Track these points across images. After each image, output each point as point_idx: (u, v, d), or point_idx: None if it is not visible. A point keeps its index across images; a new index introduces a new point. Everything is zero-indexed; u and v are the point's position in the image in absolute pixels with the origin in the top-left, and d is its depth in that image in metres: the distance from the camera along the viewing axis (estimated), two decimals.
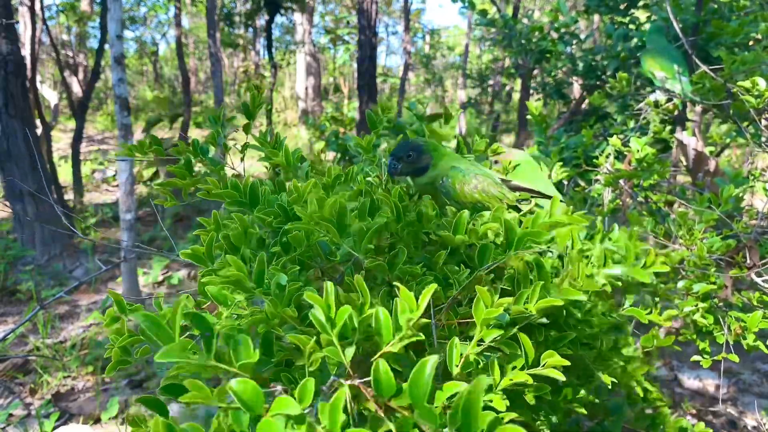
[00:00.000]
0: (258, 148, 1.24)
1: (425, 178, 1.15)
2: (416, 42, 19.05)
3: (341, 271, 0.93)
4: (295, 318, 0.74)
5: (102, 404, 3.08)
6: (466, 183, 1.10)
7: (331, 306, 0.62)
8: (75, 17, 11.60)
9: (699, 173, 2.11)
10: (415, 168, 1.13)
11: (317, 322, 0.61)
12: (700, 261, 1.20)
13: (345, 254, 0.87)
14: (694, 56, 2.11)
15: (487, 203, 1.09)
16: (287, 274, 0.80)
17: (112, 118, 12.44)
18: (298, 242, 0.88)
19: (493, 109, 10.10)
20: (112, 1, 3.86)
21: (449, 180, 1.11)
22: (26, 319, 2.79)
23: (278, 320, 0.74)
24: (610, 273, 0.76)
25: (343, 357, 0.60)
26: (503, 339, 0.71)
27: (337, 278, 0.94)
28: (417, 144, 1.13)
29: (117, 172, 5.14)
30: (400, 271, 0.81)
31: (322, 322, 0.61)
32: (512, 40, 3.41)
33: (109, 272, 5.08)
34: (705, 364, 1.28)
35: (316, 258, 0.91)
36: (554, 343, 0.83)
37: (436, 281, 0.82)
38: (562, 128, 3.16)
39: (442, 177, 1.12)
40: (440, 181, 1.12)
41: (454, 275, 0.82)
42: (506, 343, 0.72)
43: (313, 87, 14.09)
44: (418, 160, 1.13)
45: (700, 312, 1.25)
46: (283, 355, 0.75)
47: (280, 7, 7.47)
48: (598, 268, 0.77)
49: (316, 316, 0.62)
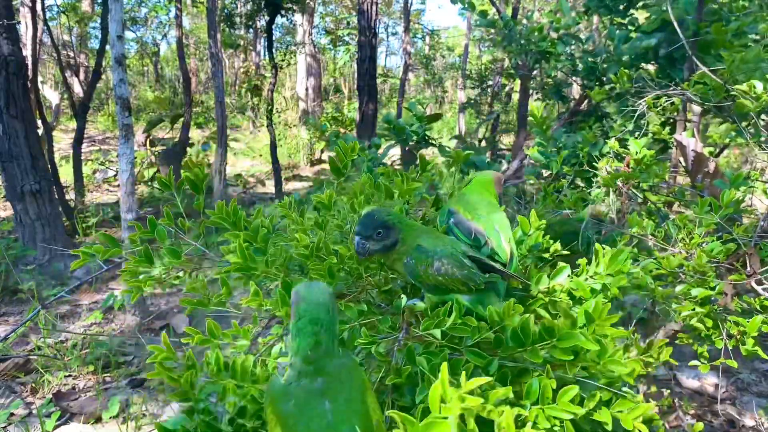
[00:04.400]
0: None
1: (394, 255, 1.13)
2: (416, 43, 19.06)
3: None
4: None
5: (103, 403, 3.08)
6: (429, 265, 1.07)
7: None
8: (76, 18, 11.61)
9: (698, 174, 2.11)
10: (383, 246, 1.11)
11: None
12: (699, 267, 1.21)
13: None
14: (693, 57, 2.12)
15: (451, 285, 1.07)
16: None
17: (113, 118, 12.44)
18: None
19: (493, 109, 10.08)
20: (113, 1, 3.87)
21: (412, 261, 1.09)
22: (28, 319, 2.78)
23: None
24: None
25: None
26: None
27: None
28: (384, 221, 1.10)
29: (118, 172, 5.15)
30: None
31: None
32: (512, 41, 3.42)
33: (110, 272, 5.09)
34: (703, 369, 1.28)
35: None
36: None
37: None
38: (562, 129, 3.16)
39: (406, 255, 1.11)
40: (405, 260, 1.11)
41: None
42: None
43: (313, 87, 14.10)
44: (386, 238, 1.11)
45: (698, 316, 1.25)
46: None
47: (281, 8, 7.47)
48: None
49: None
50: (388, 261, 1.16)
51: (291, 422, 0.81)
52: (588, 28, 10.25)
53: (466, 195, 1.37)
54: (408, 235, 1.12)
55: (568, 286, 1.07)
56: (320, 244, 1.23)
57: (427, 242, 1.11)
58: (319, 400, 0.82)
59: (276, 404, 0.84)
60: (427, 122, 3.43)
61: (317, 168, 10.60)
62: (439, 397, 0.70)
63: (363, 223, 1.11)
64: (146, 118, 11.82)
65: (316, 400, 0.82)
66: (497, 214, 1.29)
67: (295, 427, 0.80)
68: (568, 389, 0.84)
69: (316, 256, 1.21)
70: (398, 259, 1.13)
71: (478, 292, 1.09)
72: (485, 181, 1.41)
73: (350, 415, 0.80)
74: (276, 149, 7.79)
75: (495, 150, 8.39)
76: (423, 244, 1.10)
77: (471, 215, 1.26)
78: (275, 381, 0.87)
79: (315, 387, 0.83)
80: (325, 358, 0.85)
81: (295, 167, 10.42)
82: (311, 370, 0.84)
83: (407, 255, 1.11)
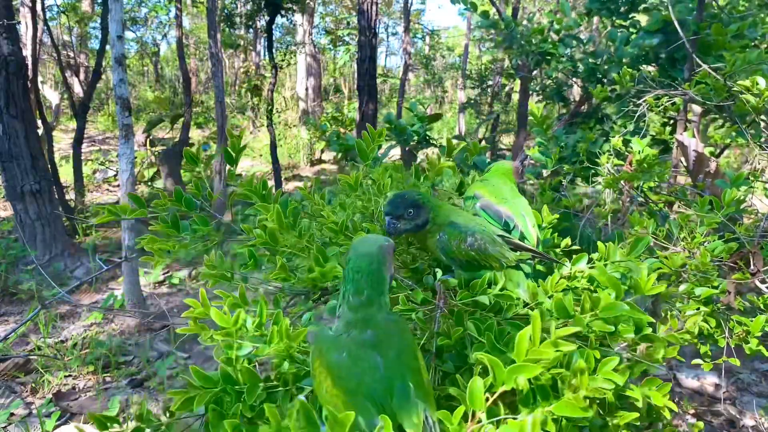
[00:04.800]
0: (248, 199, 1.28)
1: (424, 234, 1.13)
2: (416, 43, 19.06)
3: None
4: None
5: (103, 403, 3.08)
6: (462, 240, 1.08)
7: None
8: (76, 18, 11.60)
9: (699, 174, 2.11)
10: (415, 225, 1.11)
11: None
12: (703, 266, 1.21)
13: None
14: (694, 56, 2.12)
15: (483, 261, 1.08)
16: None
17: (113, 118, 12.44)
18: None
19: (493, 109, 10.09)
20: (113, 1, 3.87)
21: (445, 236, 1.10)
22: (28, 319, 2.78)
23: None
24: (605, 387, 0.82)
25: None
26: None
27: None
28: (415, 200, 1.11)
29: (118, 172, 5.14)
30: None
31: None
32: (513, 42, 3.42)
33: (110, 272, 5.08)
34: (706, 367, 1.28)
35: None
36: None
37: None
38: (562, 129, 3.16)
39: (438, 233, 1.11)
40: (437, 237, 1.11)
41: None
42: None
43: (313, 87, 14.10)
44: (417, 217, 1.11)
45: (701, 316, 1.25)
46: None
47: (281, 8, 7.47)
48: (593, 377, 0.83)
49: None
50: (418, 240, 1.16)
51: (344, 373, 0.79)
52: (588, 29, 10.25)
53: (488, 180, 1.37)
54: (438, 214, 1.12)
55: (589, 273, 1.06)
56: (347, 221, 1.22)
57: (459, 219, 1.12)
58: (370, 352, 0.80)
59: (326, 355, 0.82)
60: (428, 122, 3.44)
61: (317, 168, 10.60)
62: (526, 342, 0.71)
63: (393, 203, 1.11)
64: (146, 118, 11.82)
65: (367, 352, 0.80)
66: (521, 199, 1.30)
67: (348, 378, 0.78)
68: (610, 359, 0.83)
69: (344, 233, 1.21)
70: (429, 238, 1.13)
71: (508, 271, 1.10)
72: (505, 170, 1.41)
73: (402, 370, 0.78)
74: (276, 149, 7.79)
75: (495, 150, 8.39)
76: (455, 221, 1.11)
77: (498, 199, 1.26)
78: (323, 332, 0.86)
79: (365, 338, 0.81)
80: (371, 309, 0.84)
81: (295, 167, 10.42)
82: (360, 321, 0.83)
83: (440, 231, 1.11)
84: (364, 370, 0.78)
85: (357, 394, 0.77)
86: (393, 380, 0.77)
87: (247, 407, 0.90)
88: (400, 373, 0.78)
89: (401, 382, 0.77)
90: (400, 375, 0.78)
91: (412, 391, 0.76)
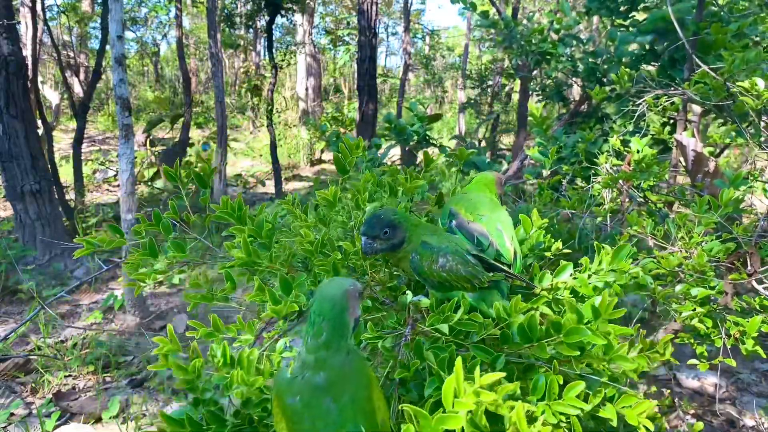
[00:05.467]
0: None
1: (400, 253, 1.13)
2: (416, 43, 19.06)
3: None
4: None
5: (103, 403, 3.08)
6: (434, 261, 1.08)
7: None
8: (76, 18, 11.61)
9: (698, 174, 2.12)
10: (391, 245, 1.12)
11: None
12: (699, 267, 1.21)
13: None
14: (694, 55, 2.12)
15: (455, 282, 1.07)
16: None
17: (113, 118, 12.44)
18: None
19: (493, 109, 10.09)
20: (113, 1, 3.87)
21: (417, 257, 1.10)
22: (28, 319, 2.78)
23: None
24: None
25: None
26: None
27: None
28: (390, 220, 1.11)
29: (118, 172, 5.14)
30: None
31: None
32: (513, 42, 3.42)
33: (110, 272, 5.09)
34: (703, 367, 1.28)
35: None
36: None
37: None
38: (562, 129, 3.17)
39: (412, 252, 1.11)
40: (410, 257, 1.11)
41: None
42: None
43: (313, 87, 14.10)
44: (393, 237, 1.11)
45: (698, 317, 1.25)
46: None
47: (281, 8, 7.47)
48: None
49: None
50: (394, 259, 1.16)
51: (296, 418, 0.81)
52: (588, 29, 10.25)
53: (467, 194, 1.37)
54: (414, 233, 1.13)
55: (571, 284, 1.07)
56: (325, 240, 1.23)
57: (432, 239, 1.11)
58: (323, 396, 0.81)
59: (282, 398, 0.83)
60: (428, 122, 3.44)
61: (317, 168, 10.60)
62: (452, 391, 0.71)
63: (369, 223, 1.11)
64: (146, 118, 11.82)
65: (319, 397, 0.81)
66: (499, 213, 1.29)
67: (300, 423, 0.80)
68: (575, 385, 0.84)
69: (320, 251, 1.22)
70: (404, 258, 1.13)
71: (482, 290, 1.09)
72: (486, 181, 1.41)
73: (355, 414, 0.80)
74: (276, 149, 7.79)
75: (495, 150, 8.39)
76: (428, 241, 1.11)
77: (473, 216, 1.26)
78: (282, 374, 0.87)
79: (317, 382, 0.82)
80: (327, 352, 0.85)
81: (295, 167, 10.42)
82: (314, 363, 0.84)
83: (413, 252, 1.11)
84: (317, 415, 0.80)
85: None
86: (345, 425, 0.79)
87: None
88: (353, 417, 0.79)
89: (354, 427, 0.78)
90: (353, 419, 0.79)
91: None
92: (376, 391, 0.85)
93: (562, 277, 1.09)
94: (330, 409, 0.80)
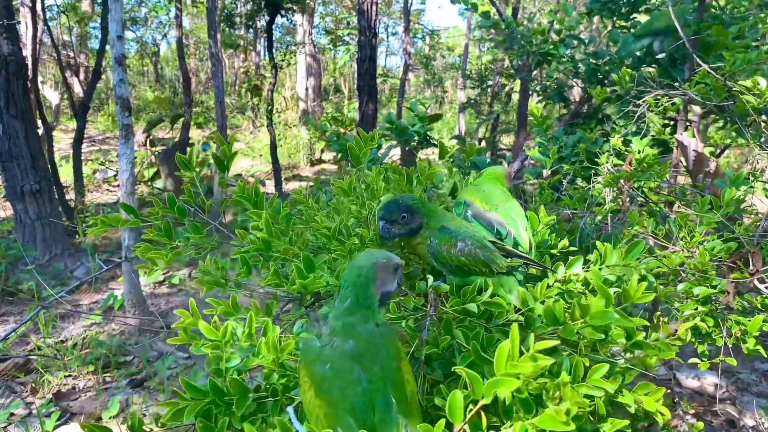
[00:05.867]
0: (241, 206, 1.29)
1: (418, 239, 1.13)
2: (416, 43, 19.06)
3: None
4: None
5: (103, 403, 3.08)
6: (452, 246, 1.08)
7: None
8: (76, 18, 11.61)
9: (699, 174, 2.12)
10: (408, 230, 1.12)
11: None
12: (701, 266, 1.21)
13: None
14: (694, 55, 2.12)
15: (474, 267, 1.08)
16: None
17: (113, 118, 12.44)
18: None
19: (493, 109, 10.09)
20: (113, 1, 3.87)
21: (436, 241, 1.10)
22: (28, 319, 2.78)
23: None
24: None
25: None
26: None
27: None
28: (409, 205, 1.12)
29: (118, 172, 5.14)
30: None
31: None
32: (513, 42, 3.42)
33: (110, 272, 5.08)
34: (703, 366, 1.28)
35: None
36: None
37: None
38: (562, 129, 3.17)
39: (430, 237, 1.11)
40: (428, 242, 1.11)
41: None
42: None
43: (313, 87, 14.10)
44: (411, 222, 1.12)
45: (700, 316, 1.25)
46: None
47: (281, 8, 7.48)
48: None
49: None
50: (410, 245, 1.16)
51: (326, 385, 0.80)
52: (588, 29, 10.25)
53: (480, 185, 1.37)
54: (432, 219, 1.13)
55: (584, 276, 1.06)
56: (341, 226, 1.22)
57: (451, 224, 1.12)
58: (352, 365, 0.80)
59: (311, 366, 0.83)
60: (428, 122, 3.44)
61: (317, 168, 10.60)
62: (506, 356, 0.70)
63: (388, 207, 1.12)
64: (146, 118, 11.82)
65: (349, 365, 0.80)
66: (512, 203, 1.29)
67: (330, 390, 0.79)
68: (599, 367, 0.83)
69: (336, 238, 1.21)
70: (421, 243, 1.13)
71: (500, 276, 1.09)
72: (497, 174, 1.41)
73: (385, 384, 0.79)
74: (276, 149, 7.79)
75: (495, 150, 8.39)
76: (447, 225, 1.11)
77: (488, 206, 1.26)
78: (309, 342, 0.87)
79: (347, 349, 0.82)
80: (354, 319, 0.85)
81: (295, 167, 10.42)
82: (342, 330, 0.84)
83: (431, 236, 1.11)
84: (347, 383, 0.79)
85: (338, 407, 0.78)
86: (375, 394, 0.77)
87: (236, 419, 0.91)
88: (383, 387, 0.78)
89: (383, 397, 0.77)
90: (383, 389, 0.78)
91: (394, 405, 0.76)
92: (405, 363, 0.84)
93: (574, 269, 1.09)
94: (360, 378, 0.79)
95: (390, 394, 0.77)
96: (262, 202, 1.30)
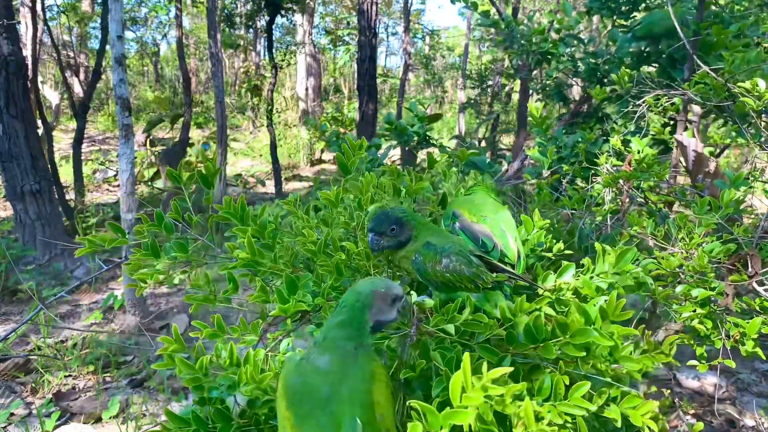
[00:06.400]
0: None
1: (403, 252, 1.13)
2: (416, 43, 19.05)
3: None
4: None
5: (103, 403, 3.08)
6: (437, 262, 1.07)
7: None
8: (76, 18, 11.60)
9: (699, 174, 2.12)
10: (397, 242, 1.12)
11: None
12: (700, 268, 1.21)
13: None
14: (694, 56, 2.12)
15: (458, 283, 1.07)
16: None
17: (113, 118, 12.43)
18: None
19: (493, 109, 10.08)
20: (113, 1, 3.87)
21: (420, 258, 1.09)
22: (27, 319, 2.78)
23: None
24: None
25: None
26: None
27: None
28: (399, 217, 1.11)
29: (118, 172, 5.14)
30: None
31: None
32: (513, 42, 3.42)
33: (110, 272, 5.08)
34: (702, 369, 1.28)
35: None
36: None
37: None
38: (562, 129, 3.16)
39: (414, 253, 1.11)
40: (413, 257, 1.11)
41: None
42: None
43: (313, 87, 14.09)
44: (400, 234, 1.11)
45: (698, 318, 1.25)
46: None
47: (281, 8, 7.48)
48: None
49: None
50: (396, 258, 1.16)
51: (296, 399, 0.81)
52: (588, 29, 10.24)
53: (469, 196, 1.37)
54: (420, 232, 1.13)
55: (574, 285, 1.06)
56: (327, 240, 1.22)
57: (436, 239, 1.11)
58: (323, 381, 0.81)
59: (287, 377, 0.84)
60: (428, 122, 3.43)
61: (317, 168, 10.59)
62: (460, 386, 0.71)
63: (377, 219, 1.11)
64: (146, 118, 11.82)
65: (320, 381, 0.81)
66: (502, 213, 1.29)
67: (299, 405, 0.80)
68: (580, 385, 0.84)
69: (323, 252, 1.22)
70: (406, 257, 1.13)
71: (485, 291, 1.09)
72: (487, 185, 1.42)
73: (353, 405, 0.79)
74: (276, 149, 7.79)
75: (495, 150, 8.39)
76: (432, 241, 1.10)
77: (476, 217, 1.26)
78: (293, 356, 0.88)
79: (320, 364, 0.83)
80: (339, 334, 0.86)
81: (295, 167, 10.42)
82: (323, 344, 0.85)
83: (416, 252, 1.11)
84: (316, 401, 0.80)
85: (304, 423, 0.79)
86: (342, 416, 0.78)
87: None
88: (351, 409, 0.79)
89: (351, 418, 0.77)
90: (350, 410, 0.79)
91: (360, 427, 0.77)
92: (380, 386, 0.84)
93: (565, 277, 1.09)
94: (328, 396, 0.80)
95: (357, 417, 0.78)
96: (247, 218, 1.29)
